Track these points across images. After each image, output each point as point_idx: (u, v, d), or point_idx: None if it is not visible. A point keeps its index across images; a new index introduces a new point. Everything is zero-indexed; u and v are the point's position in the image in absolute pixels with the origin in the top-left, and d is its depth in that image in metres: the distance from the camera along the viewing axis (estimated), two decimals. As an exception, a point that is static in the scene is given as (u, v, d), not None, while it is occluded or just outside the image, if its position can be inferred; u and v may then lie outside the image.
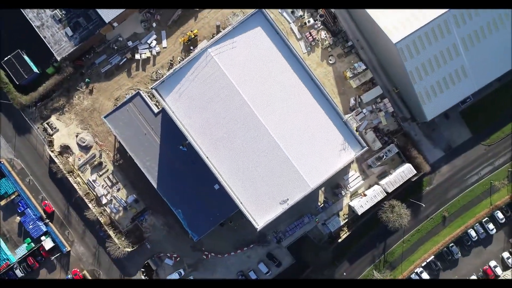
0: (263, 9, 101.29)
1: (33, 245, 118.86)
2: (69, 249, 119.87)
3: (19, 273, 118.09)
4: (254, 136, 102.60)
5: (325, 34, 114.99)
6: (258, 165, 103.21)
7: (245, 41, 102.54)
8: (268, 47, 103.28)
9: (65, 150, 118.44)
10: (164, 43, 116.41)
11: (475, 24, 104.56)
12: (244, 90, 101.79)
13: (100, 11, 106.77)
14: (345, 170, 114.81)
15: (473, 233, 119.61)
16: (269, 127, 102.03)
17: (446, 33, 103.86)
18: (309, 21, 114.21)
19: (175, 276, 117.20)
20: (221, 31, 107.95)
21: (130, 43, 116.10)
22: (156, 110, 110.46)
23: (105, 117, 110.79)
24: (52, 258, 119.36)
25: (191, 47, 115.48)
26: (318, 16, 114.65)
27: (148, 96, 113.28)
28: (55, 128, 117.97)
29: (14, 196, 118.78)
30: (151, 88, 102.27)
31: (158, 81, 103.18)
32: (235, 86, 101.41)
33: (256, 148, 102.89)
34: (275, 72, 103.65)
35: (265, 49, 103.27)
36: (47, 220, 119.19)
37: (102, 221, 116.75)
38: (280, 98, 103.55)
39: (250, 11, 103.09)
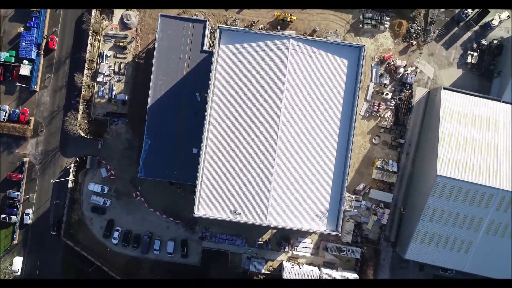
0: (364, 48, 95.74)
1: (13, 61, 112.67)
2: (37, 90, 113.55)
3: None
4: (262, 141, 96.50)
5: (390, 115, 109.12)
6: (243, 166, 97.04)
7: (325, 60, 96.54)
8: (338, 82, 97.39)
9: (107, 13, 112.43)
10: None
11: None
12: (287, 97, 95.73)
13: None
14: (304, 233, 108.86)
15: None
16: (279, 145, 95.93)
17: (483, 205, 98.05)
18: (387, 94, 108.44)
19: (96, 188, 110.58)
20: (313, 37, 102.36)
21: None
22: (206, 47, 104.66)
23: (162, 15, 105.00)
24: (17, 84, 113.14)
25: (279, 27, 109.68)
26: (397, 97, 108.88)
27: (210, 32, 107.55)
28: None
29: (34, 10, 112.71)
30: (218, 26, 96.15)
31: (230, 27, 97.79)
32: (284, 87, 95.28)
33: (254, 150, 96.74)
34: (325, 108, 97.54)
35: (334, 81, 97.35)
36: (42, 52, 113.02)
37: (83, 92, 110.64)
38: (309, 132, 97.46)
39: (351, 38, 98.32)
